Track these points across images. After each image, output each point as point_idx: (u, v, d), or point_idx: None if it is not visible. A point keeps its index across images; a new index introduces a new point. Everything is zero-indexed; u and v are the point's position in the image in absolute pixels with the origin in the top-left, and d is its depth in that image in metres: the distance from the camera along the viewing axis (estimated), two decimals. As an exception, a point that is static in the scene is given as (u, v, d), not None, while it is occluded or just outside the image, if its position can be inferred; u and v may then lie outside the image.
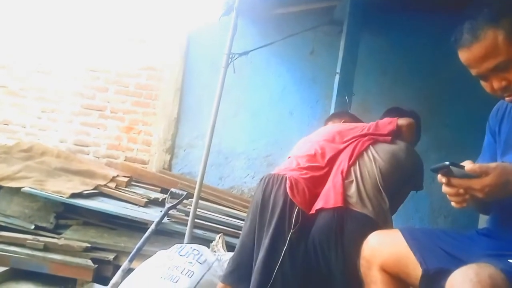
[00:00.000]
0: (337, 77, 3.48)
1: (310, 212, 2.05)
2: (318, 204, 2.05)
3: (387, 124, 2.26)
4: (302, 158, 2.23)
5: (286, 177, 2.10)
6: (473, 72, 1.18)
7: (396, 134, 2.25)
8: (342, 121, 2.57)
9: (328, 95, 3.74)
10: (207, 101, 3.53)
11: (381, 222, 1.98)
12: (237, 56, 3.25)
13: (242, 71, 3.44)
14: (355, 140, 2.23)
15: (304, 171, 2.15)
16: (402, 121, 2.27)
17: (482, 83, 1.20)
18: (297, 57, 4.35)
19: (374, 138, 2.23)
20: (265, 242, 2.01)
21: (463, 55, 1.17)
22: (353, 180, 2.07)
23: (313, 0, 3.90)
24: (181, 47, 4.40)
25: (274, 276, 1.95)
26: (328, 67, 3.96)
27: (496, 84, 1.15)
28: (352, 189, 2.04)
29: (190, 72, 4.41)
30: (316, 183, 2.13)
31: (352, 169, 2.11)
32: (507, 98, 1.19)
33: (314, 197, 2.10)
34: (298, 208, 2.02)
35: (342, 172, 2.10)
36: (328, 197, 2.03)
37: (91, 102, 4.40)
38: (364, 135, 2.25)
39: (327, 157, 2.21)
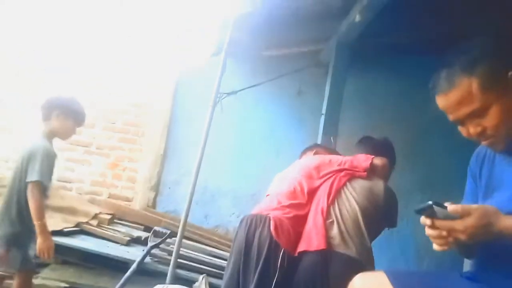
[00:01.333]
0: (322, 117, 3.54)
1: (295, 254, 2.02)
2: (301, 246, 2.03)
3: (363, 161, 2.27)
4: (282, 196, 2.20)
5: (269, 218, 2.06)
6: (450, 117, 1.22)
7: (371, 171, 2.26)
8: (313, 152, 2.57)
9: (314, 135, 3.78)
10: (194, 139, 3.53)
11: (364, 261, 1.97)
12: (225, 95, 3.30)
13: (230, 110, 3.47)
14: (332, 175, 2.22)
15: (287, 210, 2.13)
16: (377, 160, 2.28)
17: (459, 127, 1.24)
18: (285, 97, 4.43)
19: (351, 173, 2.23)
20: (253, 282, 1.96)
21: (440, 101, 1.21)
22: (333, 220, 2.05)
23: (300, 43, 4.03)
24: (170, 85, 4.46)
25: None
26: (314, 108, 4.03)
27: (472, 130, 1.19)
28: (334, 230, 2.02)
29: (178, 109, 4.44)
30: (300, 222, 2.11)
31: (331, 208, 2.10)
32: (483, 142, 1.22)
33: (298, 236, 2.07)
34: (283, 250, 1.98)
35: (322, 212, 2.08)
36: (311, 239, 2.01)
37: (77, 138, 4.37)
38: (340, 170, 2.24)
39: (307, 194, 2.19)
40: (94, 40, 4.42)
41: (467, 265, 1.37)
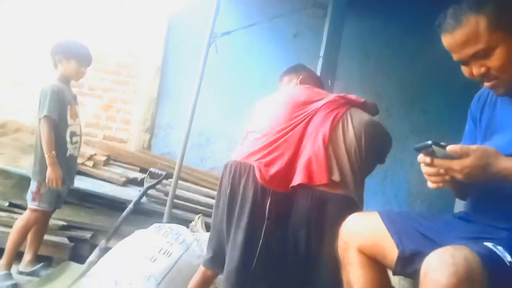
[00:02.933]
0: (320, 60, 3.46)
1: (289, 187, 1.94)
2: (297, 179, 1.92)
3: (356, 97, 2.14)
4: (268, 137, 2.01)
5: (253, 166, 1.94)
6: (455, 57, 1.19)
7: (365, 107, 2.14)
8: (300, 77, 2.32)
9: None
10: (188, 82, 3.47)
11: (359, 202, 1.94)
12: (220, 35, 3.20)
13: (224, 52, 3.38)
14: (329, 105, 2.05)
15: (274, 154, 1.97)
16: (370, 101, 2.18)
17: (463, 68, 1.22)
18: (281, 39, 4.32)
19: (350, 103, 2.08)
20: (238, 237, 1.90)
21: (445, 40, 1.18)
22: (331, 153, 1.93)
23: (298, -19, 3.85)
24: (162, 26, 4.31)
25: (252, 272, 1.88)
26: (311, 51, 3.94)
27: (475, 70, 1.17)
28: (333, 163, 1.92)
29: (171, 51, 4.33)
30: (290, 159, 1.97)
31: (332, 137, 1.95)
32: (486, 84, 1.20)
33: (289, 171, 1.95)
34: (271, 197, 1.90)
35: (323, 140, 1.94)
36: (311, 172, 1.91)
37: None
38: (334, 101, 2.06)
39: (297, 134, 2.01)
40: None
41: (458, 208, 1.39)
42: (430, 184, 1.13)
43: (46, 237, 2.84)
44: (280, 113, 2.07)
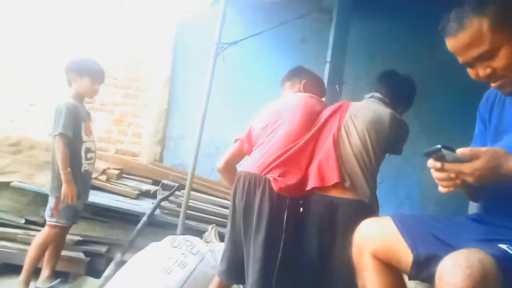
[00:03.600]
0: (327, 65, 3.46)
1: (303, 193, 1.97)
2: (311, 183, 1.94)
3: None
4: (278, 147, 2.02)
5: (268, 179, 1.94)
6: (460, 59, 1.19)
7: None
8: (303, 82, 2.35)
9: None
10: (197, 92, 3.50)
11: (374, 205, 1.94)
12: (227, 46, 3.23)
13: (232, 61, 3.41)
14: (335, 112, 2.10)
15: (289, 165, 1.98)
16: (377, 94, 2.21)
17: (468, 70, 1.21)
18: (288, 45, 4.33)
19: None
20: (258, 251, 1.90)
21: (450, 43, 1.18)
22: (340, 158, 1.95)
23: (302, -13, 3.87)
24: (170, 37, 4.36)
25: (274, 284, 1.89)
26: (318, 55, 3.94)
27: (481, 72, 1.17)
28: (343, 168, 1.93)
29: (179, 62, 4.37)
30: (305, 170, 2.01)
31: (339, 139, 1.99)
32: (492, 84, 1.20)
33: (304, 180, 1.99)
34: (288, 209, 1.91)
35: (334, 142, 1.97)
36: (322, 174, 1.94)
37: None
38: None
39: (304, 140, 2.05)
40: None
41: (473, 208, 1.38)
42: (441, 189, 1.12)
43: (63, 252, 2.87)
44: (294, 124, 2.09)
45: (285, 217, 1.91)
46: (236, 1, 3.72)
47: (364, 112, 2.06)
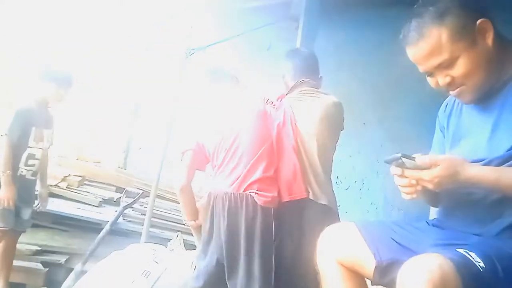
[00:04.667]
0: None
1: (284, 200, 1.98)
2: (284, 196, 1.97)
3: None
4: (249, 159, 1.98)
5: (250, 196, 1.93)
6: (420, 68, 1.22)
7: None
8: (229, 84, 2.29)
9: (285, 91, 3.76)
10: (163, 97, 3.45)
11: (334, 206, 1.99)
12: (194, 51, 3.21)
13: (198, 67, 3.38)
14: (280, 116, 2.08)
15: (260, 182, 1.97)
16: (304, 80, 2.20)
17: (428, 78, 1.24)
18: (255, 53, 4.35)
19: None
20: (254, 270, 1.89)
21: (410, 52, 1.21)
22: (304, 167, 1.98)
23: (270, -5, 3.91)
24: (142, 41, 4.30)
25: None
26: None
27: (440, 80, 1.20)
28: (308, 179, 1.97)
29: (144, 66, 4.30)
30: (277, 176, 2.03)
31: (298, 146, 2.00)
32: (452, 93, 1.24)
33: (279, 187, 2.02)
34: (274, 218, 1.94)
35: (295, 153, 1.98)
36: (291, 187, 1.97)
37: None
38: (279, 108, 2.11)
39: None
40: None
41: (433, 215, 1.41)
42: (404, 195, 1.15)
43: (19, 263, 2.75)
44: (253, 136, 2.03)
45: (273, 228, 1.93)
46: (205, 8, 3.71)
47: (310, 113, 2.03)
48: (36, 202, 2.79)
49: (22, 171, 2.64)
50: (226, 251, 1.93)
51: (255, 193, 1.93)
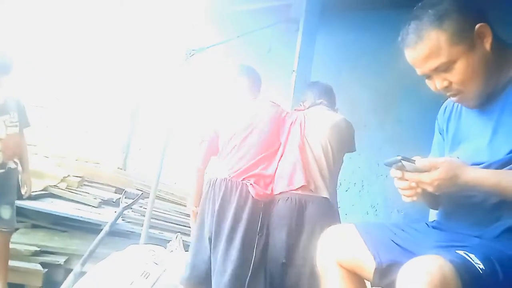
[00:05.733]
0: (294, 75, 3.50)
1: (273, 193, 2.09)
2: (279, 187, 2.07)
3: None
4: (251, 157, 2.16)
5: (245, 184, 2.08)
6: (418, 71, 1.22)
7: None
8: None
9: (286, 94, 3.76)
10: (163, 98, 3.45)
11: (335, 205, 2.07)
12: (194, 52, 3.21)
13: (199, 68, 3.39)
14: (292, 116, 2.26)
15: (259, 176, 2.13)
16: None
17: (427, 81, 1.24)
18: (255, 54, 4.35)
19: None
20: (232, 253, 1.98)
21: (408, 55, 1.21)
22: (307, 164, 2.07)
23: (269, -3, 3.92)
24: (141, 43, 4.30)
25: (246, 285, 1.97)
26: (285, 65, 3.99)
27: (438, 84, 1.20)
28: (309, 173, 2.05)
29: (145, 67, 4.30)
30: (273, 170, 2.16)
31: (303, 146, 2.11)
32: (452, 99, 1.23)
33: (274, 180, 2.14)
34: (263, 211, 2.04)
35: (300, 150, 2.09)
36: (291, 178, 2.05)
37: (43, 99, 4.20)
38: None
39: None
40: None
41: (433, 217, 1.41)
42: (404, 198, 1.15)
43: (18, 263, 2.74)
44: (265, 133, 2.21)
45: (259, 220, 2.03)
46: (205, 9, 3.71)
47: (322, 120, 2.18)
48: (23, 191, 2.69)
49: None
50: (214, 230, 2.06)
51: (251, 184, 2.06)
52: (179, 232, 3.12)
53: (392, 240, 1.25)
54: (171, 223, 3.39)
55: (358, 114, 4.11)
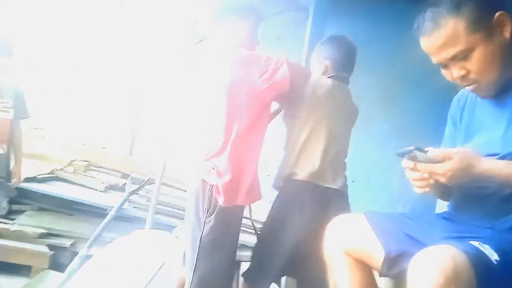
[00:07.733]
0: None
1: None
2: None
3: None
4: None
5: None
6: (434, 60, 1.19)
7: None
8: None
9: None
10: (170, 82, 3.44)
11: (346, 192, 2.01)
12: (203, 38, 3.18)
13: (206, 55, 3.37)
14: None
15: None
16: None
17: (443, 71, 1.21)
18: (263, 42, 4.30)
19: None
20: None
21: (424, 43, 1.18)
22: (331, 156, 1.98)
23: (280, -15, 3.87)
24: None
25: None
26: (294, 53, 3.94)
27: (455, 73, 1.17)
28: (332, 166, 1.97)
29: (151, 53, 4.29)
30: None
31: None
32: (467, 88, 1.21)
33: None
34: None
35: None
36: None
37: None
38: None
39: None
40: None
41: (439, 210, 1.40)
42: (416, 189, 1.13)
43: (25, 245, 2.77)
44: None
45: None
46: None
47: (344, 109, 2.15)
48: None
49: None
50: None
51: None
52: (184, 218, 3.12)
53: (402, 230, 1.25)
54: (177, 209, 3.39)
55: (363, 106, 4.05)
